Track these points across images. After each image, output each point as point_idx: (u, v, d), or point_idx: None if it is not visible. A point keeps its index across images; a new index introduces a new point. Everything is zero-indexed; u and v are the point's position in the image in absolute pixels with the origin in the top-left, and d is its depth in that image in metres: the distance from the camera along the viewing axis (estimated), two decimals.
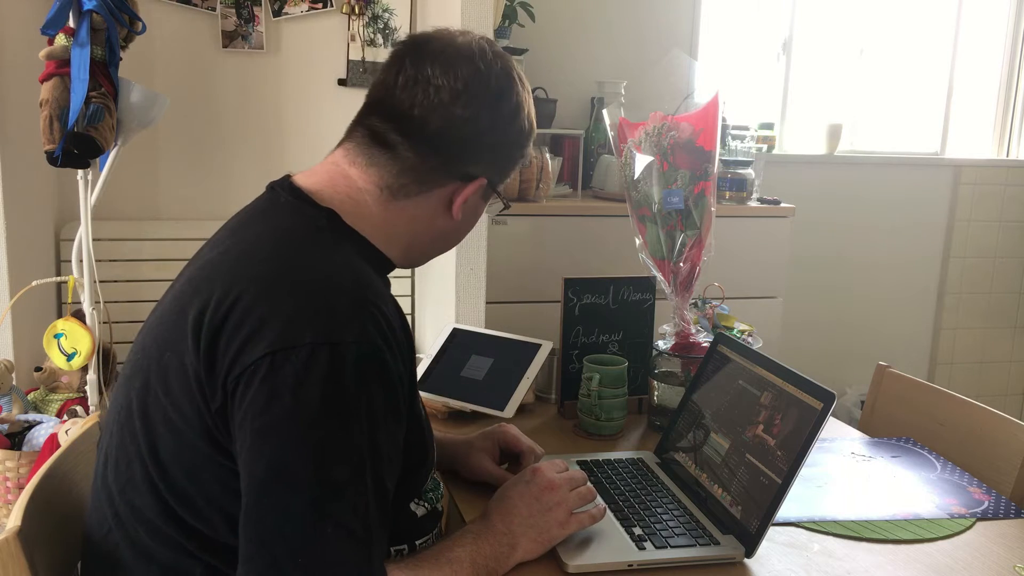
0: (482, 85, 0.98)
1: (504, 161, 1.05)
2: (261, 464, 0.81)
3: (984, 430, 1.42)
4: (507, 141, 1.03)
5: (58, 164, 1.91)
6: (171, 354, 0.89)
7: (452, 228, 1.05)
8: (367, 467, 0.83)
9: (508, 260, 2.46)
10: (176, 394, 0.87)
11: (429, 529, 1.06)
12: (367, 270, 0.94)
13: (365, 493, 0.83)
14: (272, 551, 0.80)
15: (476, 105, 0.98)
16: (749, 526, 1.07)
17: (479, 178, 1.01)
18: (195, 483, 0.87)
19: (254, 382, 0.81)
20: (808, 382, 1.09)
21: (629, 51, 3.05)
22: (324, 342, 0.82)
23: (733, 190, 2.76)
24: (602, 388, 1.45)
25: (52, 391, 2.24)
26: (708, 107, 1.51)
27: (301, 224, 0.95)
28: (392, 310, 0.92)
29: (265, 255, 0.91)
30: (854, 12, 3.42)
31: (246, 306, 0.85)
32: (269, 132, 2.56)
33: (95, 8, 1.88)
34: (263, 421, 0.81)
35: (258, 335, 0.82)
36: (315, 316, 0.84)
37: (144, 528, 0.89)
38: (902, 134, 3.55)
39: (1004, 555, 1.09)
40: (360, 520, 0.82)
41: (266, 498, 0.81)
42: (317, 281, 0.87)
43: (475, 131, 0.99)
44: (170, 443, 0.88)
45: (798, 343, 3.29)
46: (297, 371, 0.81)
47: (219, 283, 0.88)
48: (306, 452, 0.81)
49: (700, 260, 1.52)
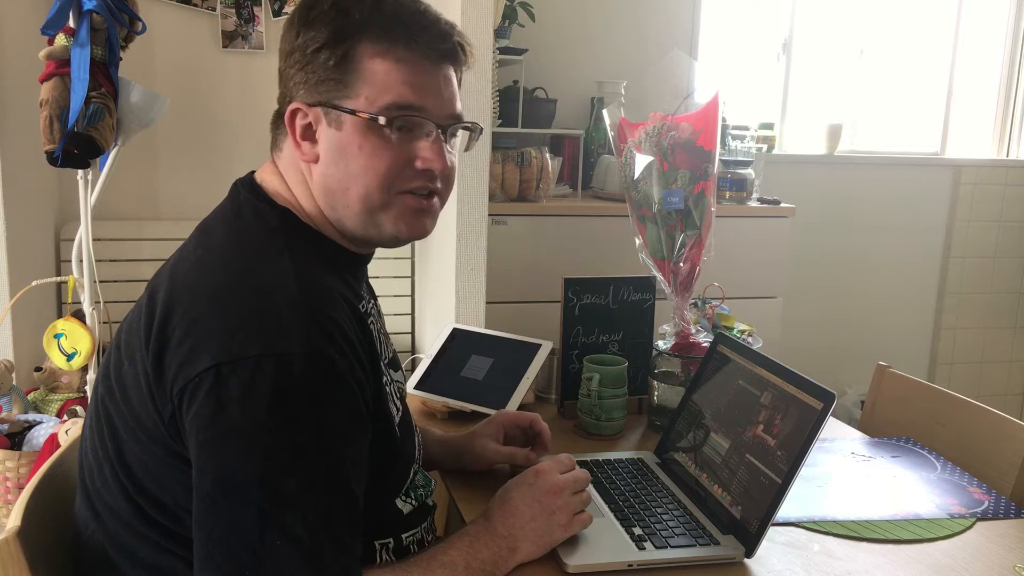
0: (288, 21, 0.97)
1: (307, 79, 0.94)
2: (208, 477, 0.81)
3: (984, 430, 1.42)
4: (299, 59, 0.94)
5: (58, 164, 1.91)
6: (129, 362, 0.89)
7: (328, 173, 0.94)
8: (320, 477, 0.82)
9: (508, 260, 2.46)
10: (134, 402, 0.87)
11: (417, 523, 1.05)
12: (318, 275, 0.91)
13: (317, 504, 0.82)
14: (218, 564, 0.80)
15: (286, 39, 0.96)
16: (749, 526, 1.07)
17: (294, 102, 0.95)
18: (161, 487, 0.87)
19: (198, 394, 0.81)
20: (808, 382, 1.09)
21: (629, 51, 3.05)
22: (270, 353, 0.81)
23: (733, 190, 2.76)
24: (602, 388, 1.45)
25: (52, 391, 2.25)
26: (708, 107, 1.51)
27: (256, 227, 0.94)
28: (345, 315, 0.90)
29: (217, 265, 0.90)
30: (854, 12, 3.42)
31: (192, 317, 0.84)
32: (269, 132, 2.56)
33: (95, 8, 1.88)
34: (209, 434, 0.81)
35: (202, 346, 0.82)
36: (261, 327, 0.83)
37: (123, 529, 0.90)
38: (902, 134, 3.55)
39: (1004, 555, 1.09)
40: (310, 533, 0.81)
41: (213, 510, 0.81)
42: (263, 292, 0.86)
43: (283, 66, 0.97)
44: (134, 448, 0.88)
45: (798, 343, 3.29)
46: (243, 383, 0.80)
47: (171, 292, 0.88)
48: (253, 465, 0.80)
49: (700, 260, 1.52)
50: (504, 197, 2.53)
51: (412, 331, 2.79)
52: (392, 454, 0.99)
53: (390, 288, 2.72)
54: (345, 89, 0.92)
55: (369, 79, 0.92)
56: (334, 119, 0.93)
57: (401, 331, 2.77)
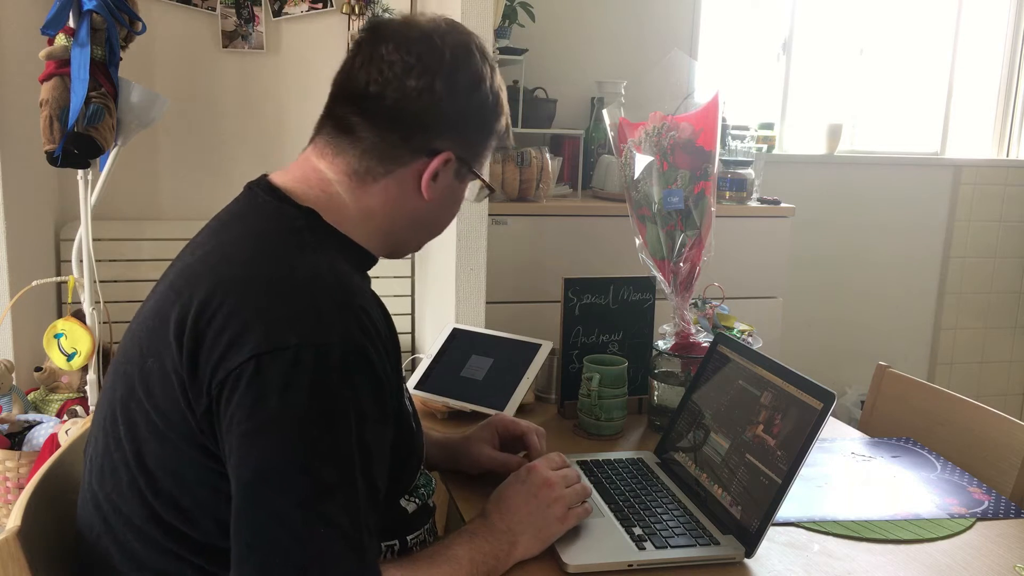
0: (436, 56, 0.96)
1: (469, 134, 1.01)
2: (249, 467, 0.81)
3: (984, 430, 1.42)
4: (468, 112, 1.00)
5: (58, 164, 1.91)
6: (153, 360, 0.88)
7: (427, 211, 1.01)
8: (356, 467, 0.83)
9: (508, 260, 2.46)
10: (159, 400, 0.87)
11: (420, 524, 1.06)
12: (348, 270, 0.93)
13: (355, 493, 0.83)
14: (263, 554, 0.80)
15: (430, 75, 0.96)
16: (749, 526, 1.07)
17: (443, 152, 0.98)
18: (183, 488, 0.87)
19: (240, 385, 0.81)
20: (808, 382, 1.09)
21: (629, 51, 3.05)
22: (309, 343, 0.82)
23: (733, 190, 2.76)
24: (602, 388, 1.45)
25: (52, 391, 2.24)
26: (708, 107, 1.51)
27: (280, 226, 0.94)
28: (376, 309, 0.91)
29: (246, 258, 0.91)
30: (854, 12, 3.42)
31: (229, 310, 0.84)
32: (269, 132, 2.57)
33: (95, 8, 1.88)
34: (250, 424, 0.81)
35: (242, 338, 0.82)
36: (299, 318, 0.83)
37: (132, 533, 0.89)
38: (902, 134, 3.55)
39: (1004, 555, 1.09)
40: (351, 520, 0.82)
41: (256, 500, 0.81)
42: (300, 283, 0.87)
43: (431, 101, 0.96)
44: (156, 449, 0.88)
45: (798, 343, 3.29)
46: (283, 373, 0.81)
47: (200, 287, 0.87)
48: (294, 454, 0.81)
49: (700, 260, 1.52)
50: (504, 197, 2.53)
51: (412, 331, 2.79)
52: (408, 451, 1.01)
53: (390, 288, 2.72)
54: (485, 154, 1.06)
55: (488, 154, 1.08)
56: (464, 174, 1.03)
57: (401, 331, 2.76)
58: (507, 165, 2.51)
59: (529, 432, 1.27)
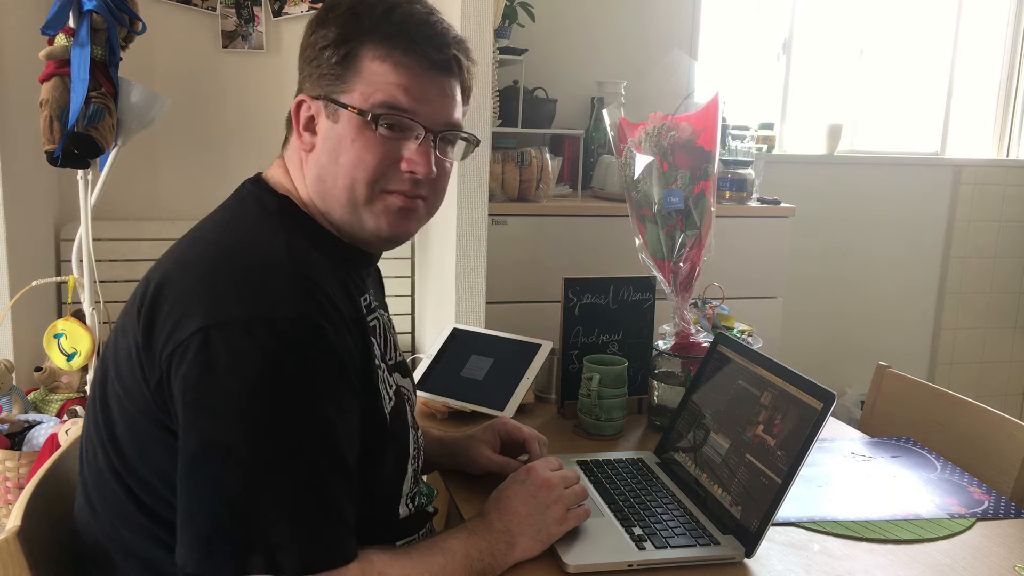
0: (314, 19, 1.00)
1: (313, 70, 0.98)
2: (193, 437, 0.82)
3: (984, 430, 1.42)
4: (311, 53, 0.99)
5: (58, 164, 1.91)
6: (121, 336, 0.91)
7: (318, 163, 0.97)
8: (311, 442, 0.83)
9: (508, 260, 2.46)
10: (126, 378, 0.89)
11: (415, 530, 1.06)
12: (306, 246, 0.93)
13: (307, 469, 0.83)
14: (202, 524, 0.81)
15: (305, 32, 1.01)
16: (749, 526, 1.07)
17: (300, 94, 1.00)
18: (147, 464, 0.88)
19: (187, 356, 0.82)
20: (808, 382, 1.09)
21: (629, 51, 3.05)
22: (259, 317, 0.82)
23: (733, 190, 2.76)
24: (602, 388, 1.45)
25: (52, 391, 2.25)
26: (708, 107, 1.51)
27: (256, 211, 0.97)
28: (337, 291, 0.91)
29: (210, 239, 0.94)
30: (854, 12, 3.42)
31: (183, 286, 0.86)
32: (269, 132, 2.55)
33: (95, 8, 1.88)
34: (195, 395, 0.82)
35: (192, 312, 0.83)
36: (251, 293, 0.84)
37: (118, 519, 0.90)
38: (902, 134, 3.56)
39: (1004, 555, 1.09)
40: (299, 496, 0.82)
41: (197, 470, 0.82)
42: (253, 260, 0.88)
43: (300, 52, 1.01)
44: (123, 426, 0.89)
45: (798, 343, 3.29)
46: (231, 346, 0.81)
47: (163, 268, 0.91)
48: (240, 426, 0.81)
49: (700, 260, 1.52)
50: (504, 197, 2.53)
51: (412, 331, 2.80)
52: (382, 437, 0.98)
53: (390, 288, 2.70)
54: (344, 85, 0.96)
55: (366, 78, 0.95)
56: (332, 112, 0.97)
57: (401, 331, 2.77)
58: (507, 165, 2.51)
59: (531, 439, 1.27)
